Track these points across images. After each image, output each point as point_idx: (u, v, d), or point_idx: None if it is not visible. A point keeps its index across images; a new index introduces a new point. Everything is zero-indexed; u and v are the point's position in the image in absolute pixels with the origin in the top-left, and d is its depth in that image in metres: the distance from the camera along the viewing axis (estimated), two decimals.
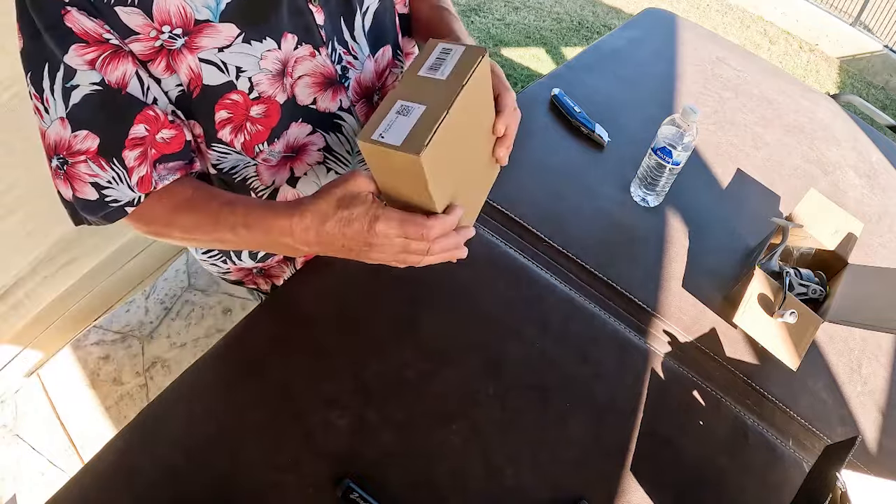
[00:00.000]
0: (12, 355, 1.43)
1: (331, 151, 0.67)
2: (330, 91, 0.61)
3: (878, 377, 0.77)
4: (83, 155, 0.49)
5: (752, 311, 0.74)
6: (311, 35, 0.56)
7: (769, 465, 0.64)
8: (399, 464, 0.58)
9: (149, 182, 0.53)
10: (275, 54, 0.54)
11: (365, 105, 0.68)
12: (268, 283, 0.86)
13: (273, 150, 0.62)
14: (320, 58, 0.58)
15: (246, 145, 0.59)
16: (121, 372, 1.50)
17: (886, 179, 1.06)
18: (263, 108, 0.57)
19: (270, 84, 0.55)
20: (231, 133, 0.57)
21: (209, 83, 0.52)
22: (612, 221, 0.86)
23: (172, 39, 0.48)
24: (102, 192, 0.52)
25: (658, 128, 0.81)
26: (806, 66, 4.05)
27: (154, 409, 0.60)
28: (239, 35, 0.51)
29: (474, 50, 0.51)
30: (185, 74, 0.51)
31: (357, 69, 0.64)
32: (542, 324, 0.70)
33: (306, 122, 0.62)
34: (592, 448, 0.61)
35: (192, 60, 0.50)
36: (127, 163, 0.51)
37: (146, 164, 0.52)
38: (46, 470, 1.35)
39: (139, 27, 0.46)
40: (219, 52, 0.50)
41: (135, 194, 0.53)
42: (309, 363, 0.63)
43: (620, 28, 1.28)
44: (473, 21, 3.35)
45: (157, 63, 0.49)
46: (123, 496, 0.54)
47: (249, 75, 0.53)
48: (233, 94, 0.54)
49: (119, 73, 0.48)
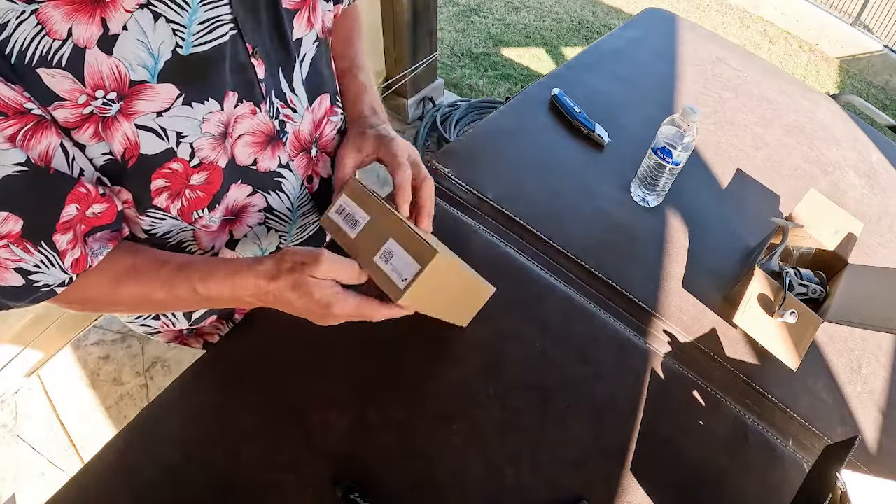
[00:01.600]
0: (12, 355, 1.43)
1: (271, 211, 0.63)
2: (269, 149, 0.58)
3: (878, 377, 0.77)
4: (3, 239, 0.42)
5: (752, 311, 0.74)
6: (251, 91, 0.52)
7: (769, 465, 0.64)
8: (399, 464, 0.58)
9: (84, 262, 0.48)
10: (217, 116, 0.49)
11: (304, 158, 0.64)
12: (199, 342, 0.81)
13: (213, 217, 0.58)
14: (261, 115, 0.54)
15: (183, 211, 0.55)
16: (121, 372, 1.50)
17: (886, 179, 1.06)
18: (205, 175, 0.52)
19: (213, 149, 0.51)
20: (168, 199, 0.52)
21: (147, 152, 0.47)
22: (612, 221, 0.86)
23: (107, 105, 0.42)
24: (29, 277, 0.45)
25: (658, 128, 0.81)
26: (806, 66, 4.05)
27: (154, 409, 0.60)
28: (179, 96, 0.46)
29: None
30: (119, 143, 0.45)
31: (295, 122, 0.60)
32: (542, 324, 0.70)
33: (246, 182, 0.58)
34: (592, 448, 0.61)
35: (129, 128, 0.44)
36: (59, 246, 0.45)
37: (79, 246, 0.47)
38: (46, 470, 1.35)
39: (66, 92, 0.40)
40: (157, 116, 0.45)
41: (67, 275, 0.48)
42: (309, 363, 0.63)
43: (620, 28, 1.28)
44: (473, 21, 3.35)
45: (83, 130, 0.43)
46: (123, 496, 0.55)
47: (190, 140, 0.49)
48: (173, 162, 0.49)
49: (42, 147, 0.41)
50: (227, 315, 0.77)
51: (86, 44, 0.39)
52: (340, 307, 0.50)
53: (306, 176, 0.66)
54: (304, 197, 0.67)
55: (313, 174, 0.67)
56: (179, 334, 0.78)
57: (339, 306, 0.50)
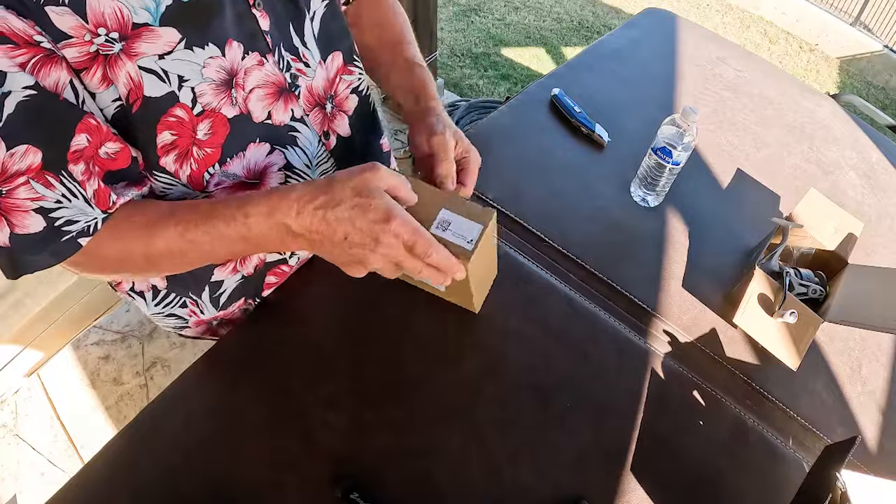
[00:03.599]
0: (12, 355, 1.43)
1: (291, 169, 0.63)
2: (281, 101, 0.58)
3: (878, 377, 0.77)
4: (24, 175, 0.42)
5: (752, 311, 0.74)
6: (256, 42, 0.53)
7: (769, 465, 0.64)
8: (398, 464, 0.58)
9: (106, 197, 0.47)
10: (218, 62, 0.50)
11: (319, 113, 0.64)
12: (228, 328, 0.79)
13: (227, 172, 0.56)
14: (269, 66, 0.55)
15: (193, 176, 0.54)
16: (121, 372, 1.50)
17: (886, 179, 1.06)
18: (209, 124, 0.52)
19: (214, 94, 0.51)
20: (175, 162, 0.52)
21: (151, 94, 0.47)
22: (612, 221, 0.86)
23: (109, 44, 0.43)
24: (51, 216, 0.44)
25: (658, 128, 0.81)
26: (806, 66, 4.05)
27: (154, 409, 0.60)
28: (181, 41, 0.46)
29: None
30: (123, 84, 0.45)
31: (308, 77, 0.60)
32: (542, 324, 0.70)
33: (264, 140, 0.58)
34: (592, 448, 0.61)
35: (132, 68, 0.45)
36: (76, 175, 0.44)
37: (95, 178, 0.46)
38: (46, 470, 1.35)
39: (72, 29, 0.41)
40: (159, 59, 0.46)
41: (94, 213, 0.46)
42: (308, 363, 0.63)
43: (620, 28, 1.28)
44: (473, 21, 3.35)
45: (92, 73, 0.44)
46: (123, 496, 0.55)
47: (192, 85, 0.49)
48: (176, 108, 0.49)
49: (53, 80, 0.42)
50: (255, 293, 0.75)
51: None
52: (399, 222, 0.45)
53: (322, 132, 0.66)
54: (322, 154, 0.67)
55: (329, 131, 0.67)
56: (209, 327, 0.77)
57: (398, 221, 0.45)
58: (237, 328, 0.67)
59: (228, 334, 0.67)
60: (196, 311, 0.71)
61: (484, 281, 0.67)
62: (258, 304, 0.73)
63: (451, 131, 0.61)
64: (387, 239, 0.46)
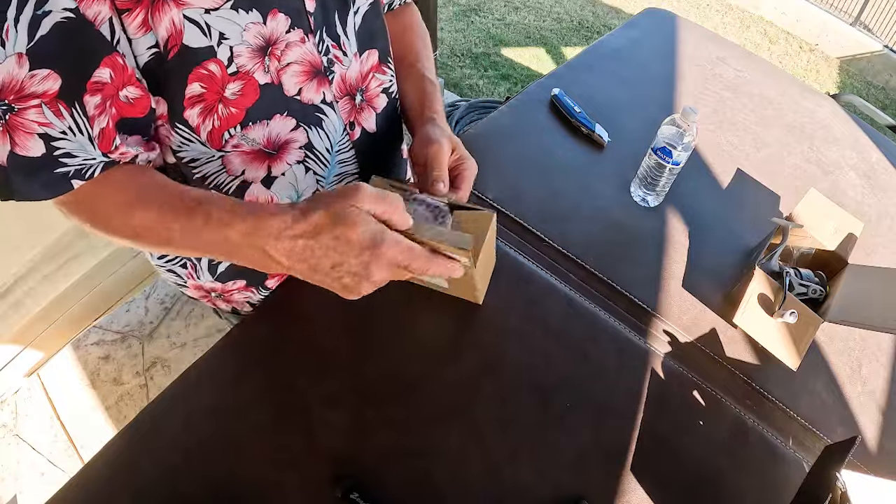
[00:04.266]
0: (12, 355, 1.43)
1: (311, 149, 0.64)
2: (315, 82, 0.59)
3: (878, 377, 0.77)
4: (37, 98, 0.42)
5: (752, 311, 0.74)
6: (300, 19, 0.54)
7: (769, 465, 0.64)
8: (399, 463, 0.58)
9: (110, 139, 0.47)
10: (258, 28, 0.51)
11: (348, 102, 0.65)
12: (228, 306, 0.80)
13: (247, 136, 0.57)
14: (309, 44, 0.56)
15: (213, 134, 0.54)
16: (121, 372, 1.50)
17: (886, 179, 1.06)
18: (240, 85, 0.53)
19: (250, 58, 0.52)
20: (199, 116, 0.52)
21: (189, 44, 0.47)
22: (612, 221, 0.86)
23: None
24: (52, 144, 0.44)
25: (658, 128, 0.81)
26: (806, 66, 4.05)
27: (154, 409, 0.60)
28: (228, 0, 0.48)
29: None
30: (164, 29, 0.45)
31: (344, 65, 0.62)
32: (542, 324, 0.70)
33: (291, 115, 0.59)
34: (592, 448, 0.61)
35: (177, 15, 0.45)
36: (87, 109, 0.44)
37: (107, 116, 0.46)
38: (46, 470, 1.35)
39: None
40: (205, 13, 0.47)
41: (94, 153, 0.46)
42: (308, 363, 0.63)
43: (620, 28, 1.28)
44: (473, 21, 3.35)
45: (134, 15, 0.44)
46: (123, 496, 0.54)
47: (231, 44, 0.50)
48: (210, 63, 0.49)
49: (94, 11, 0.42)
50: (258, 282, 0.76)
51: None
52: (389, 246, 0.44)
53: (349, 122, 0.67)
54: (344, 142, 0.68)
55: (356, 122, 0.68)
56: (207, 294, 0.77)
57: (387, 245, 0.43)
58: (237, 328, 0.67)
59: (229, 334, 0.67)
60: (193, 274, 0.73)
61: (486, 273, 0.68)
62: (259, 304, 0.73)
63: (448, 139, 0.62)
64: (378, 266, 0.44)
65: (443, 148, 0.60)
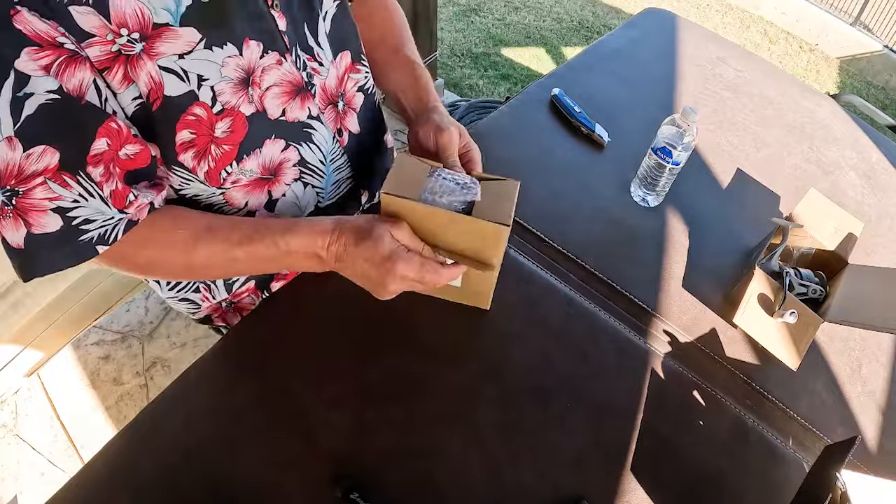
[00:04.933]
0: (12, 355, 1.42)
1: (305, 164, 0.64)
2: (297, 99, 0.59)
3: (878, 377, 0.77)
4: (40, 176, 0.42)
5: (752, 311, 0.74)
6: (274, 41, 0.54)
7: (769, 465, 0.64)
8: (399, 464, 0.58)
9: (123, 196, 0.48)
10: (236, 61, 0.51)
11: (332, 111, 0.66)
12: (237, 317, 0.81)
13: (244, 169, 0.58)
14: (287, 65, 0.56)
15: (210, 174, 0.55)
16: (121, 372, 1.50)
17: (886, 179, 1.06)
18: (228, 122, 0.53)
19: (233, 93, 0.52)
20: (194, 159, 0.53)
21: (171, 94, 0.48)
22: (612, 221, 0.86)
23: (130, 44, 0.44)
24: (68, 215, 0.44)
25: (658, 128, 0.81)
26: (806, 66, 4.05)
27: (154, 409, 0.60)
28: (200, 40, 0.48)
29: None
30: (144, 84, 0.46)
31: (322, 75, 0.62)
32: (542, 324, 0.70)
33: (279, 137, 0.59)
34: (592, 448, 0.61)
35: (153, 67, 0.46)
36: (94, 178, 0.45)
37: (114, 179, 0.47)
38: (46, 470, 1.35)
39: (95, 28, 0.42)
40: (179, 58, 0.47)
41: (111, 212, 0.47)
42: (309, 363, 0.63)
43: (620, 28, 1.28)
44: (473, 21, 3.35)
45: (115, 72, 0.45)
46: (123, 496, 0.54)
47: (211, 84, 0.50)
48: (195, 107, 0.50)
49: (77, 81, 0.42)
50: (264, 284, 0.77)
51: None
52: (405, 264, 0.52)
53: (336, 129, 0.67)
54: (336, 150, 0.68)
55: (342, 128, 0.68)
56: (219, 308, 0.78)
57: (403, 262, 0.52)
58: (238, 327, 0.67)
59: (228, 334, 0.67)
60: (208, 295, 0.74)
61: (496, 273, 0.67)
62: (260, 304, 0.73)
63: (456, 126, 0.63)
64: (393, 279, 0.53)
65: (453, 136, 0.61)
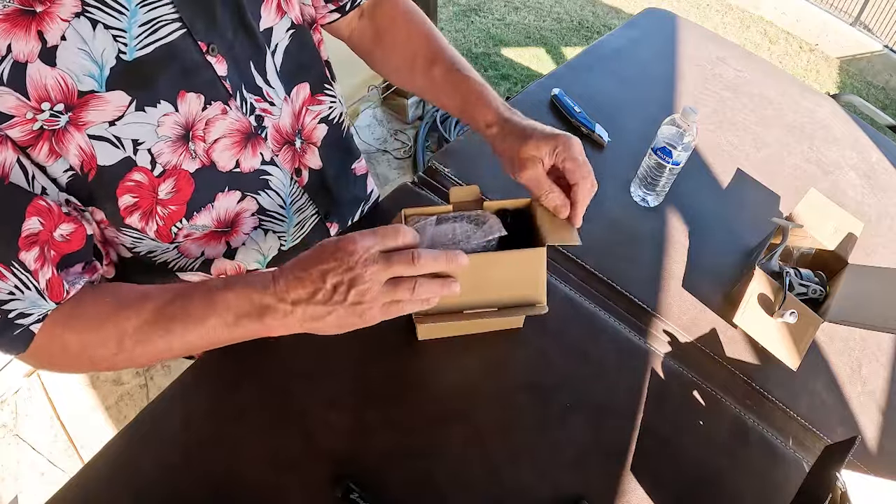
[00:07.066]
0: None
1: (265, 213, 0.61)
2: (249, 147, 0.55)
3: (878, 377, 0.77)
4: None
5: (752, 311, 0.74)
6: (215, 90, 0.50)
7: (769, 465, 0.64)
8: (399, 464, 0.58)
9: (59, 287, 0.44)
10: (172, 118, 0.47)
11: (289, 151, 0.61)
12: None
13: (195, 224, 0.55)
14: (233, 112, 0.52)
15: (160, 231, 0.53)
16: (121, 372, 1.50)
17: (886, 179, 1.05)
18: (172, 182, 0.50)
19: (173, 152, 0.49)
20: (141, 220, 0.51)
21: (105, 163, 0.45)
22: (612, 221, 0.86)
23: (54, 118, 0.41)
24: (3, 308, 0.42)
25: (658, 128, 0.81)
26: (806, 66, 4.04)
27: (154, 409, 0.60)
28: (131, 103, 0.44)
29: None
30: (75, 156, 0.43)
31: (274, 116, 0.57)
32: (541, 324, 0.70)
33: (234, 189, 0.56)
34: (592, 448, 0.61)
35: (82, 138, 0.43)
36: (28, 265, 0.42)
37: (49, 266, 0.43)
38: (46, 470, 1.35)
39: (13, 109, 0.39)
40: (110, 125, 0.44)
41: (47, 305, 0.44)
42: (309, 363, 0.63)
43: (620, 28, 1.28)
44: (473, 21, 3.34)
45: (38, 149, 0.42)
46: (123, 496, 0.54)
47: (148, 147, 0.47)
48: (134, 173, 0.47)
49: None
50: None
51: (27, 58, 0.38)
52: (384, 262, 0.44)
53: (294, 169, 0.64)
54: (295, 192, 0.66)
55: (301, 166, 0.65)
56: None
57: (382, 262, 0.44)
58: None
59: None
60: None
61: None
62: None
63: (535, 144, 0.55)
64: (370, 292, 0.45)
65: (537, 170, 0.56)
